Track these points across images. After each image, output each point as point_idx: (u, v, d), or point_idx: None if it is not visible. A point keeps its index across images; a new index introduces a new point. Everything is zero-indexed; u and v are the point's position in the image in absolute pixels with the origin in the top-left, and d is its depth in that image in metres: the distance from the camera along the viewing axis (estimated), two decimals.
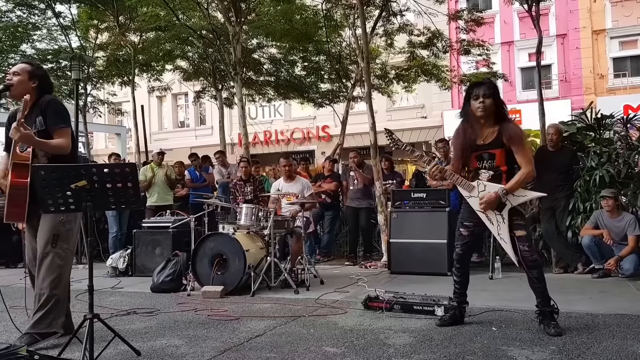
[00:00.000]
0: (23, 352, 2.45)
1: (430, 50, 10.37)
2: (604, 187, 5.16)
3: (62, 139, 2.92)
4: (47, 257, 2.90)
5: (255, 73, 11.85)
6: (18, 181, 2.86)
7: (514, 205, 3.00)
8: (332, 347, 2.81)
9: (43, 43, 12.08)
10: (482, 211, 3.05)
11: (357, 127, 14.19)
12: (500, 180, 3.03)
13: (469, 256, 3.37)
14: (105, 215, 7.25)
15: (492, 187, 3.01)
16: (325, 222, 7.15)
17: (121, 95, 14.85)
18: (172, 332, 3.23)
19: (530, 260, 3.00)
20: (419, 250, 5.38)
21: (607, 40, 15.97)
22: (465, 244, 3.22)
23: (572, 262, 5.34)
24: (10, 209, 2.90)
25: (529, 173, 2.96)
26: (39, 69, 3.13)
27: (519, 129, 3.05)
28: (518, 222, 3.02)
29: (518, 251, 2.98)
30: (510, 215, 3.00)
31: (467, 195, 3.11)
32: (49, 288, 2.87)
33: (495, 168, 3.04)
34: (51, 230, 2.90)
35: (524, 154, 2.98)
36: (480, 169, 3.08)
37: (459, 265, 3.25)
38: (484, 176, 3.06)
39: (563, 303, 3.24)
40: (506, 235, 3.01)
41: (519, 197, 3.00)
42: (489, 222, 3.06)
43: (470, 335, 2.99)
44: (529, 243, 3.04)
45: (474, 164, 3.10)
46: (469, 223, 3.18)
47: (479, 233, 3.33)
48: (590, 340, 2.80)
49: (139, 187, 2.88)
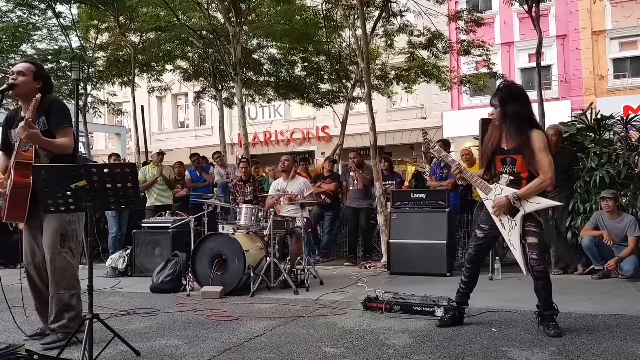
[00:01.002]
0: (22, 352, 2.45)
1: (430, 51, 10.39)
2: (604, 188, 5.16)
3: (65, 138, 2.95)
4: (58, 257, 2.94)
5: (255, 73, 11.86)
6: (21, 180, 2.87)
7: (528, 212, 2.95)
8: (331, 348, 2.81)
9: (43, 43, 12.10)
10: (495, 214, 3.03)
11: (356, 128, 14.19)
12: (520, 186, 2.98)
13: (482, 258, 3.34)
14: (105, 215, 7.24)
15: (507, 191, 2.99)
16: (325, 223, 7.14)
17: (121, 96, 14.85)
18: (172, 332, 3.23)
19: (537, 271, 2.96)
20: (418, 250, 5.38)
21: (607, 41, 15.97)
22: (478, 245, 3.20)
23: (572, 262, 5.34)
24: (11, 209, 2.91)
25: (545, 181, 2.91)
26: (43, 70, 3.16)
27: (541, 135, 2.98)
28: (531, 229, 2.97)
29: (527, 259, 2.94)
30: (523, 221, 2.97)
31: (485, 197, 3.10)
32: (68, 287, 2.94)
33: (515, 174, 3.01)
34: (59, 230, 2.94)
35: (542, 161, 2.92)
36: (502, 173, 3.06)
37: (470, 265, 3.23)
38: (503, 180, 3.04)
39: (563, 304, 3.23)
40: (516, 242, 2.97)
41: (533, 204, 2.94)
42: (501, 226, 3.04)
43: (470, 336, 2.98)
44: (538, 252, 2.95)
45: (498, 167, 3.08)
46: (485, 225, 3.16)
47: (493, 237, 3.26)
48: (590, 341, 2.79)
49: (139, 187, 2.90)
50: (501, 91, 3.07)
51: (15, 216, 2.96)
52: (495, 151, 3.06)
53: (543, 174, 2.91)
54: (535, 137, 2.94)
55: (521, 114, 2.99)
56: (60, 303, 2.95)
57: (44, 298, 3.06)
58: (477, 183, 3.12)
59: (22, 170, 2.88)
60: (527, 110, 3.04)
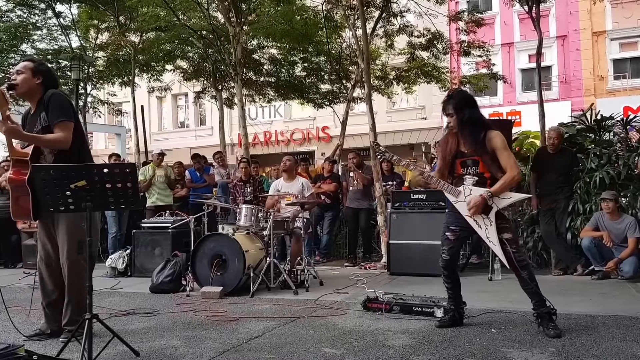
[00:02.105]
0: (22, 352, 2.44)
1: (430, 52, 10.38)
2: (603, 188, 5.16)
3: (60, 132, 2.86)
4: (76, 264, 2.95)
5: (256, 73, 11.85)
6: (18, 178, 2.85)
7: (500, 208, 3.04)
8: (331, 348, 2.81)
9: (43, 43, 12.10)
10: (470, 215, 3.07)
11: (357, 128, 14.20)
12: (485, 185, 3.07)
13: (456, 262, 3.37)
14: (104, 215, 7.24)
15: (477, 190, 3.06)
16: (325, 223, 7.14)
17: (121, 96, 14.85)
18: (171, 333, 3.23)
19: (519, 260, 3.04)
20: (418, 251, 5.37)
21: (607, 41, 15.97)
22: (451, 248, 3.21)
23: (572, 263, 5.34)
24: (16, 207, 2.90)
25: (514, 177, 3.01)
26: (42, 65, 3.11)
27: (500, 135, 3.07)
28: (504, 225, 3.07)
29: (508, 253, 3.02)
30: (496, 219, 3.04)
31: (454, 200, 3.15)
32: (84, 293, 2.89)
33: (479, 174, 3.09)
34: (75, 237, 2.94)
35: (508, 158, 3.03)
36: (465, 175, 3.13)
37: (447, 272, 3.22)
38: (468, 181, 3.10)
39: (562, 305, 3.23)
40: (495, 238, 3.04)
41: (505, 199, 3.04)
42: (477, 226, 3.09)
43: (470, 336, 2.98)
44: (515, 245, 3.07)
45: (458, 170, 3.16)
46: (455, 227, 3.19)
47: (465, 237, 3.36)
48: (589, 342, 2.79)
49: (139, 187, 2.89)
50: (454, 99, 3.12)
51: (21, 214, 2.93)
52: (455, 156, 3.14)
53: (510, 170, 3.00)
54: (494, 138, 3.04)
55: (476, 118, 3.10)
56: (76, 308, 2.96)
57: (50, 297, 3.07)
58: (444, 188, 3.17)
59: (18, 167, 2.86)
60: (480, 114, 3.17)
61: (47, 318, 3.08)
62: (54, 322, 3.05)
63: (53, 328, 3.05)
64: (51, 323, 3.06)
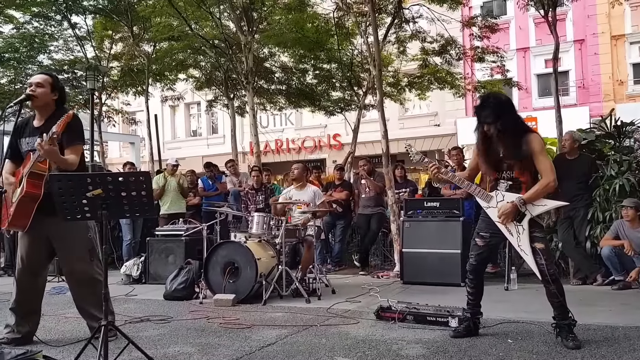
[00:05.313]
0: (40, 358, 2.47)
1: (443, 58, 10.33)
2: (624, 196, 5.06)
3: (73, 155, 3.01)
4: (90, 273, 3.06)
5: (267, 82, 11.93)
6: (33, 191, 2.92)
7: (534, 216, 2.93)
8: (344, 358, 2.78)
9: (59, 53, 12.35)
10: (503, 223, 2.99)
11: (368, 136, 14.16)
12: (520, 191, 2.97)
13: (483, 268, 3.31)
14: (119, 223, 7.31)
15: (510, 197, 2.96)
16: (337, 231, 7.11)
17: (135, 105, 15.06)
18: (185, 340, 3.23)
19: (549, 274, 2.93)
20: (432, 260, 5.31)
21: (627, 45, 15.66)
22: (479, 254, 3.16)
23: (591, 273, 5.21)
24: (16, 218, 2.96)
25: (549, 183, 2.89)
26: (59, 82, 3.24)
27: (539, 139, 2.98)
28: (536, 235, 2.96)
29: (540, 265, 2.92)
30: (529, 227, 2.94)
31: (486, 205, 3.07)
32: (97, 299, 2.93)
33: (514, 179, 3.00)
34: (85, 246, 3.06)
35: (544, 164, 2.92)
36: (500, 179, 3.04)
37: (472, 276, 3.19)
38: (502, 186, 3.02)
39: (582, 315, 3.16)
40: (527, 247, 2.94)
41: (539, 206, 2.93)
42: (508, 233, 3.01)
43: (486, 347, 2.93)
44: (547, 256, 2.96)
45: (494, 174, 3.07)
46: (485, 233, 3.12)
47: (495, 244, 3.25)
48: (610, 354, 2.72)
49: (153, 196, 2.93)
50: (491, 107, 2.97)
51: (18, 225, 3.02)
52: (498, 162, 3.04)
53: (546, 176, 2.90)
54: (533, 141, 2.95)
55: (516, 122, 3.01)
56: (90, 315, 3.04)
57: (27, 304, 3.11)
58: (476, 192, 3.09)
59: (35, 180, 2.93)
60: (518, 117, 3.07)
61: (17, 320, 3.12)
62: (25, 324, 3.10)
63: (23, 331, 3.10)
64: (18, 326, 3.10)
